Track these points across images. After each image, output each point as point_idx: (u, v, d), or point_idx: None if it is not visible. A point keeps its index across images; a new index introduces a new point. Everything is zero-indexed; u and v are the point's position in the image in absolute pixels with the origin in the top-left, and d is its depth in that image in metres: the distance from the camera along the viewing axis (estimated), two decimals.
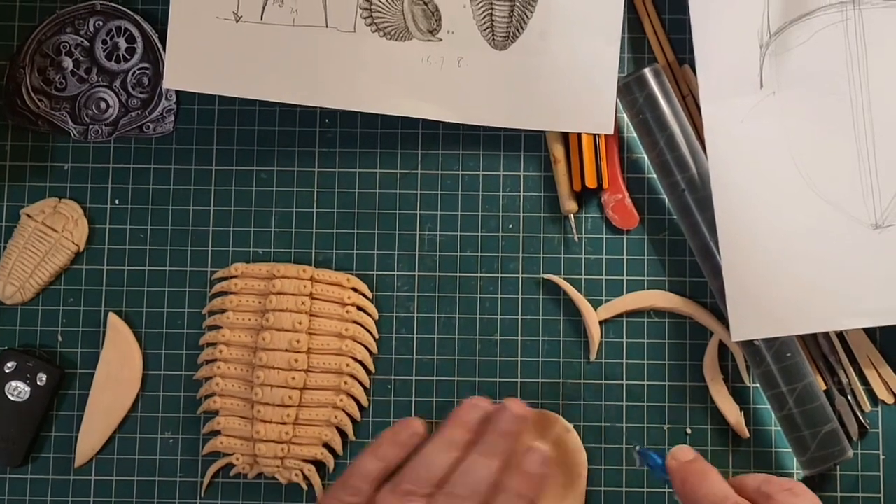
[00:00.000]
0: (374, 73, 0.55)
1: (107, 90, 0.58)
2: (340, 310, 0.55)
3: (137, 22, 0.58)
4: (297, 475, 0.55)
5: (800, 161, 0.54)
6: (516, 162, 0.58)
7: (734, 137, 0.55)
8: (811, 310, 0.53)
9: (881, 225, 0.54)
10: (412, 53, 0.55)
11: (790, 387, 0.53)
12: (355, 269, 0.57)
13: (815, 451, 0.52)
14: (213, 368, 0.55)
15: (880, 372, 0.56)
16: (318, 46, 0.55)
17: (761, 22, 0.55)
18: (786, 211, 0.54)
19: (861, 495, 0.55)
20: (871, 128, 0.54)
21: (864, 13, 0.54)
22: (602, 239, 0.57)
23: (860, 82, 0.54)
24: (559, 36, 0.55)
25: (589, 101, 0.55)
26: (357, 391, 0.56)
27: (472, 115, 0.55)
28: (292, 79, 0.54)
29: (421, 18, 0.55)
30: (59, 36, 0.58)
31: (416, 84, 0.55)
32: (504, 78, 0.55)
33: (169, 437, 0.56)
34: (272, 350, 0.55)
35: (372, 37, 0.55)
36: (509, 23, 0.55)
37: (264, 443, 0.55)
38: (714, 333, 0.56)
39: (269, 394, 0.54)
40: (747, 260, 0.54)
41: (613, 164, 0.56)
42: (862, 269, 0.54)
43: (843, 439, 0.53)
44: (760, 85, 0.55)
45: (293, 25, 0.55)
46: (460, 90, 0.55)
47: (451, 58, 0.55)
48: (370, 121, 0.58)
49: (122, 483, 0.56)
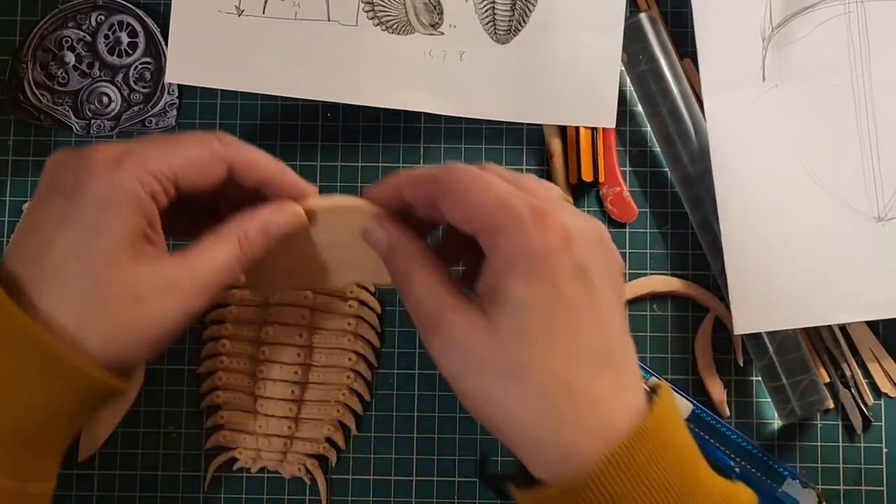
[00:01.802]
0: (376, 68, 0.55)
1: (109, 85, 0.58)
2: (343, 305, 0.55)
3: (139, 16, 0.58)
4: (299, 469, 0.55)
5: (802, 154, 0.54)
6: (518, 156, 0.58)
7: (736, 131, 0.55)
8: (814, 303, 0.53)
9: (884, 218, 0.54)
10: (414, 47, 0.55)
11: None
12: None
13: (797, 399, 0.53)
14: (216, 363, 0.55)
15: (883, 365, 0.56)
16: (320, 40, 0.55)
17: (763, 15, 0.55)
18: (788, 204, 0.54)
19: (864, 488, 0.55)
20: (873, 121, 0.54)
21: (867, 6, 0.54)
22: None
23: (863, 75, 0.54)
24: (561, 30, 0.55)
25: (591, 94, 0.55)
26: (360, 386, 0.56)
27: (474, 108, 0.55)
28: (294, 73, 0.54)
29: (423, 12, 0.55)
30: (61, 31, 0.58)
31: (419, 78, 0.55)
32: (506, 72, 0.55)
33: (172, 432, 0.56)
34: (275, 345, 0.55)
35: (374, 31, 0.55)
36: (511, 16, 0.55)
37: (267, 437, 0.55)
38: (711, 311, 0.56)
39: (272, 388, 0.54)
40: (750, 253, 0.54)
41: (611, 157, 0.56)
42: (864, 263, 0.54)
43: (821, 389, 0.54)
44: (763, 78, 0.55)
45: (295, 19, 0.55)
46: (462, 84, 0.55)
47: (454, 52, 0.55)
48: (373, 115, 0.58)
49: (125, 477, 0.56)
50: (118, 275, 0.41)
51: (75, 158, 0.43)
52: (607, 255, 0.43)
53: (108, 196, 0.41)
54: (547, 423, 0.41)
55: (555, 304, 0.41)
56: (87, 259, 0.41)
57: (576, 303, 0.41)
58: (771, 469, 0.54)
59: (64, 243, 0.41)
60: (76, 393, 0.40)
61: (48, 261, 0.41)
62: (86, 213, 0.41)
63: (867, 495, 0.55)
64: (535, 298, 0.41)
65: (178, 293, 0.43)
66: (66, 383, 0.40)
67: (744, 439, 0.54)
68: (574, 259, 0.41)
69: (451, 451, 0.56)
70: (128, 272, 0.42)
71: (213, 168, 0.45)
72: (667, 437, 0.41)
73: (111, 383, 0.41)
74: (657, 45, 0.55)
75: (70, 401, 0.40)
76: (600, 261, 0.42)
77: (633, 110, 0.58)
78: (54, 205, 0.42)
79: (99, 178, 0.42)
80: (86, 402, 0.41)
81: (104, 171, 0.42)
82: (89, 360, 0.40)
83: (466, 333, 0.42)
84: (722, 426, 0.54)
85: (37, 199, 0.43)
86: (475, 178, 0.43)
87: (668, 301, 0.57)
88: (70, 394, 0.40)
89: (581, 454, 0.40)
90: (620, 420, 0.40)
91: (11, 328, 0.39)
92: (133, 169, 0.42)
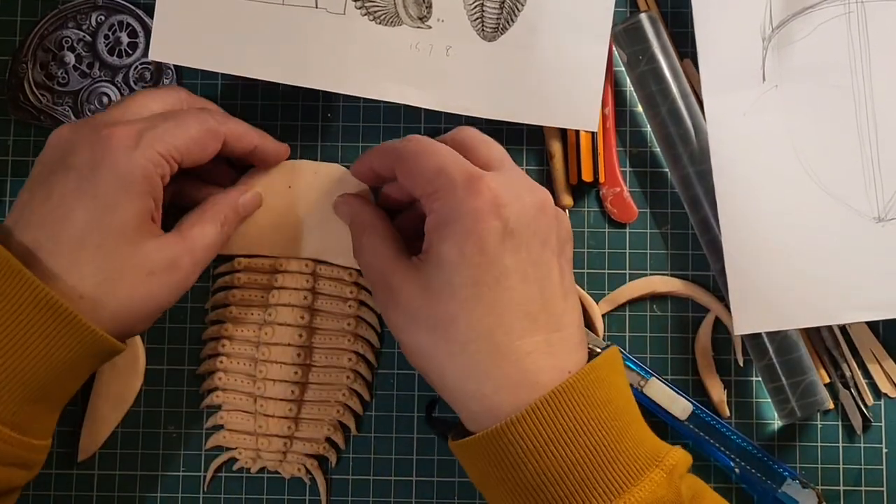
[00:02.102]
0: (362, 57, 0.55)
1: (109, 85, 0.58)
2: (343, 305, 0.55)
3: (139, 17, 0.58)
4: (299, 470, 0.55)
5: (802, 155, 0.54)
6: (518, 156, 0.57)
7: (736, 131, 0.55)
8: (814, 303, 0.53)
9: (884, 218, 0.54)
10: (401, 39, 0.55)
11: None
12: None
13: (797, 400, 0.53)
14: (215, 363, 0.55)
15: (883, 365, 0.56)
16: (306, 27, 0.54)
17: (764, 15, 0.55)
18: (788, 205, 0.54)
19: (864, 489, 0.55)
20: (874, 121, 0.54)
21: (867, 6, 0.54)
22: (604, 233, 0.57)
23: (863, 75, 0.54)
24: (549, 31, 0.55)
25: (575, 97, 0.55)
26: (360, 386, 0.56)
27: (457, 104, 0.55)
28: (279, 58, 0.54)
29: (411, 5, 0.55)
30: (61, 31, 0.58)
31: (403, 70, 0.55)
32: (491, 69, 0.55)
33: (172, 432, 0.56)
34: (275, 345, 0.55)
35: (361, 20, 0.55)
36: (500, 14, 0.55)
37: (267, 437, 0.55)
38: (711, 311, 0.56)
39: (272, 388, 0.54)
40: (750, 254, 0.54)
41: (611, 158, 0.56)
42: (864, 263, 0.54)
43: (821, 389, 0.54)
44: (763, 78, 0.55)
45: (283, 4, 0.54)
46: (447, 79, 0.55)
47: (440, 46, 0.55)
48: (373, 115, 0.58)
49: (125, 477, 0.56)
50: (131, 251, 0.45)
51: (91, 135, 0.46)
52: (546, 220, 0.46)
53: (125, 176, 0.45)
54: (471, 376, 0.44)
55: (481, 264, 0.43)
56: (103, 234, 0.45)
57: (503, 262, 0.44)
58: (771, 469, 0.54)
59: (82, 218, 0.44)
60: (89, 353, 0.44)
61: (65, 234, 0.44)
62: (103, 190, 0.45)
63: (867, 496, 0.55)
64: (462, 257, 0.44)
65: (180, 270, 0.47)
66: (81, 346, 0.43)
67: (744, 440, 0.54)
68: (503, 221, 0.44)
69: (451, 452, 0.56)
70: (139, 249, 0.46)
71: (211, 144, 0.49)
72: (596, 394, 0.43)
73: (118, 346, 0.45)
74: (657, 45, 0.55)
75: (81, 359, 0.44)
76: (536, 225, 0.45)
77: (633, 111, 0.58)
78: (71, 179, 0.45)
79: (117, 158, 0.45)
80: (94, 361, 0.45)
81: (122, 150, 0.45)
82: (103, 325, 0.44)
83: (404, 291, 0.45)
84: (722, 426, 0.54)
85: (45, 169, 0.46)
86: (424, 147, 0.47)
87: (668, 301, 0.57)
88: (83, 354, 0.44)
89: (504, 406, 0.43)
90: (547, 377, 0.43)
91: (30, 294, 0.42)
92: (147, 150, 0.46)
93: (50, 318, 0.42)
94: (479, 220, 0.44)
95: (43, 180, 0.46)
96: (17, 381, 0.42)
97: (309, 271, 0.55)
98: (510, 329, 0.44)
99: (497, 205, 0.44)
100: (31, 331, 0.42)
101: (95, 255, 0.44)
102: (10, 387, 0.42)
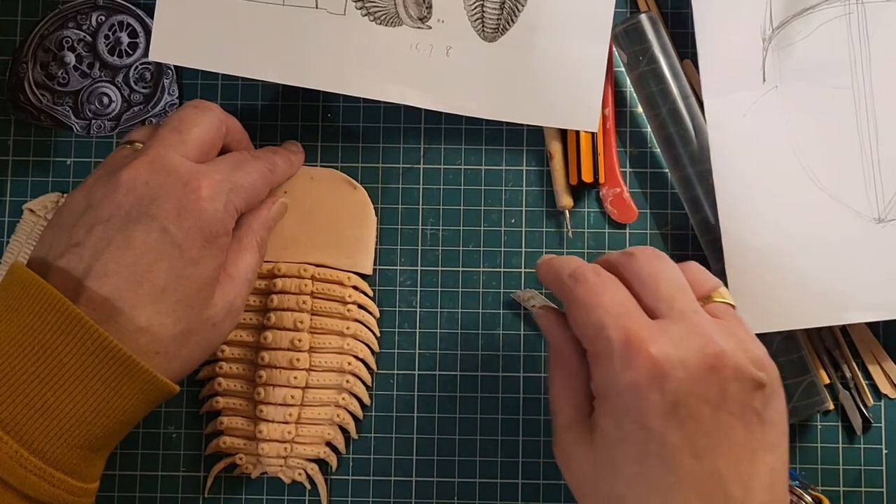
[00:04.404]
0: (362, 58, 0.55)
1: (109, 85, 0.58)
2: (342, 308, 0.55)
3: (140, 17, 0.58)
4: (300, 474, 0.55)
5: (802, 155, 0.54)
6: (518, 156, 0.58)
7: (736, 132, 0.55)
8: (814, 304, 0.53)
9: (884, 219, 0.54)
10: (401, 40, 0.55)
11: None
12: None
13: (797, 401, 0.53)
14: (215, 368, 0.55)
15: (883, 366, 0.56)
16: (307, 27, 0.54)
17: (764, 16, 0.55)
18: (788, 205, 0.54)
19: (864, 490, 0.55)
20: (874, 122, 0.54)
21: (867, 7, 0.54)
22: (604, 233, 0.57)
23: (863, 76, 0.54)
24: (549, 32, 0.55)
25: (575, 97, 0.55)
26: (359, 389, 0.56)
27: (457, 104, 0.55)
28: (280, 58, 0.54)
29: (412, 5, 0.55)
30: (61, 31, 0.58)
31: (404, 71, 0.55)
32: (491, 70, 0.55)
33: (172, 432, 0.56)
34: (274, 349, 0.54)
35: (362, 21, 0.55)
36: (500, 15, 0.55)
37: (267, 442, 0.54)
38: None
39: (272, 393, 0.54)
40: (750, 254, 0.54)
41: (611, 158, 0.56)
42: (865, 264, 0.54)
43: (821, 390, 0.54)
44: (763, 79, 0.55)
45: (283, 5, 0.55)
46: (447, 79, 0.55)
47: (440, 46, 0.55)
48: (373, 115, 0.58)
49: (124, 477, 0.56)
50: (205, 306, 0.47)
51: (176, 187, 0.46)
52: (719, 380, 0.41)
53: (211, 231, 0.46)
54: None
55: (643, 440, 0.40)
56: (185, 288, 0.45)
57: (668, 440, 0.40)
58: None
59: (165, 270, 0.45)
60: (153, 401, 0.45)
61: (147, 285, 0.44)
62: (188, 245, 0.45)
63: (867, 496, 0.55)
64: (621, 433, 0.41)
65: (236, 313, 0.49)
66: (151, 395, 0.44)
67: None
68: (665, 394, 0.40)
69: (451, 452, 0.56)
70: (212, 303, 0.47)
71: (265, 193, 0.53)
72: None
73: (176, 390, 0.45)
74: (657, 46, 0.55)
75: (145, 407, 0.45)
76: (705, 388, 0.40)
77: (634, 111, 0.58)
78: (154, 230, 0.45)
79: (203, 213, 0.46)
80: (154, 406, 0.46)
81: (208, 205, 0.46)
82: (171, 376, 0.45)
83: (575, 457, 0.43)
84: None
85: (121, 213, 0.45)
86: (588, 292, 0.43)
87: None
88: (149, 402, 0.44)
89: None
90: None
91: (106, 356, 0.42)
92: (229, 206, 0.48)
93: (125, 374, 0.42)
94: (636, 395, 0.40)
95: (121, 227, 0.45)
96: (82, 432, 0.42)
97: (308, 275, 0.55)
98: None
99: (657, 377, 0.40)
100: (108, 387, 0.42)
101: (175, 309, 0.45)
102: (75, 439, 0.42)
